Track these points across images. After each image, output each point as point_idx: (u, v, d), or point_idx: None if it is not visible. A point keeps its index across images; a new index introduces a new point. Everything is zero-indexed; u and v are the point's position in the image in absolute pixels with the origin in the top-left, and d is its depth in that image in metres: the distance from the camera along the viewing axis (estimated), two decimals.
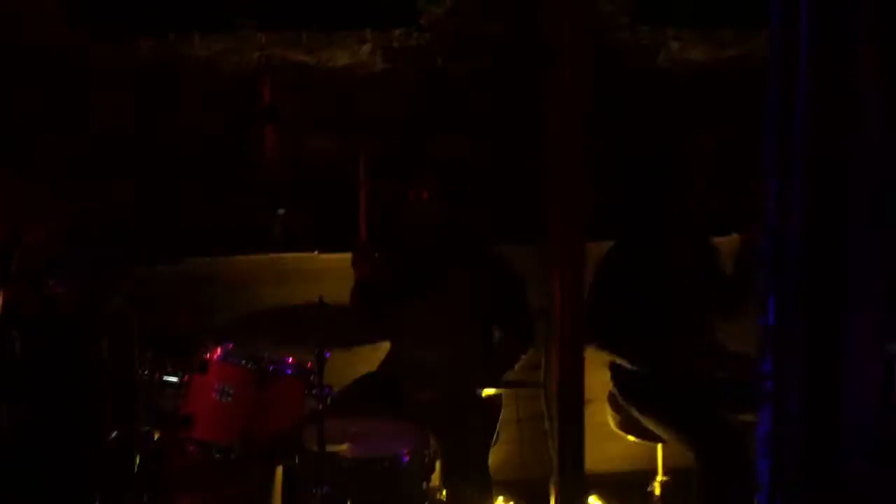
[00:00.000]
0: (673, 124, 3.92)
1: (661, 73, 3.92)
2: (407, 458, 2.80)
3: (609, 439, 3.90)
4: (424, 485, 2.91)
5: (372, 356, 3.63)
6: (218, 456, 2.71)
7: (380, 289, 3.33)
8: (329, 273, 3.81)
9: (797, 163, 1.70)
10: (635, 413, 3.49)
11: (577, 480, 3.54)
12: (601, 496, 3.83)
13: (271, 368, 2.75)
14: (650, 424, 3.43)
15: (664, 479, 3.67)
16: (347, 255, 3.82)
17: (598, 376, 3.79)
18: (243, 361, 2.75)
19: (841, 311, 1.76)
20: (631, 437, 3.60)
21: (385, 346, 3.57)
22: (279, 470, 2.93)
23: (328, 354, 2.59)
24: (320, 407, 2.56)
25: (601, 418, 3.79)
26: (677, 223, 3.42)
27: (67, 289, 2.55)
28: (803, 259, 1.75)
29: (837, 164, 1.69)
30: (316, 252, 3.83)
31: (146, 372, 2.70)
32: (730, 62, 3.97)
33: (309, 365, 2.74)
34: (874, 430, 1.76)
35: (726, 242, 3.92)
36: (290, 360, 2.83)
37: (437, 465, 3.03)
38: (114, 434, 2.64)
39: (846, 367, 1.76)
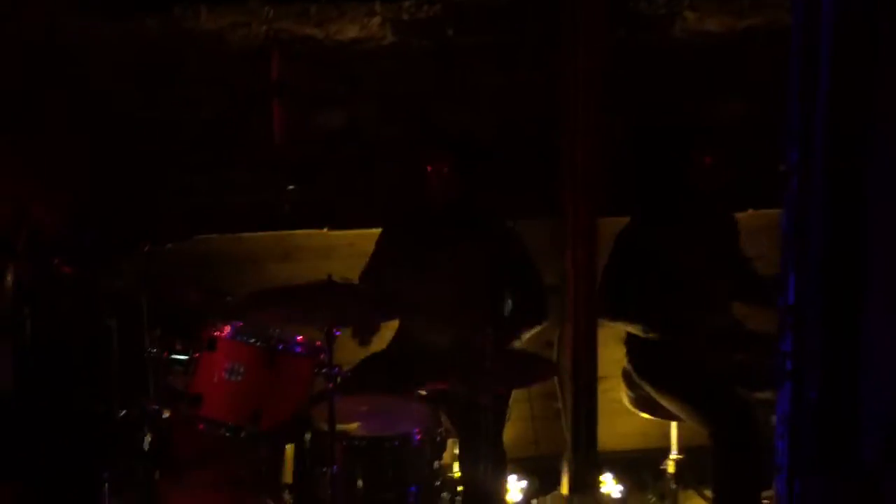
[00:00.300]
0: (689, 96, 3.84)
1: (678, 43, 3.83)
2: (418, 437, 2.78)
3: (622, 416, 3.87)
4: (436, 464, 2.88)
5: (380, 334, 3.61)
6: (227, 435, 2.68)
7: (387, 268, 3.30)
8: (338, 250, 3.78)
9: (820, 134, 1.64)
10: (650, 390, 3.45)
11: (590, 458, 3.52)
12: (614, 474, 3.81)
13: (280, 347, 2.72)
14: (665, 401, 3.40)
15: (678, 457, 3.63)
16: (356, 233, 3.80)
17: (611, 353, 3.76)
18: (252, 339, 2.71)
19: (862, 290, 1.70)
20: (645, 415, 3.57)
21: (393, 324, 3.55)
22: (289, 448, 2.90)
23: (337, 333, 2.56)
24: (330, 386, 2.53)
25: (615, 395, 3.76)
26: (695, 197, 3.36)
27: (74, 268, 2.52)
28: (825, 236, 1.69)
29: (861, 137, 1.63)
30: (325, 229, 3.80)
31: (155, 350, 2.67)
32: (747, 32, 3.88)
33: (318, 343, 2.71)
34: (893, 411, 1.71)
35: (746, 218, 3.88)
36: (300, 338, 2.79)
37: (449, 444, 3.01)
38: (123, 413, 2.61)
39: (866, 346, 1.71)
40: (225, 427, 2.69)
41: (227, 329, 2.72)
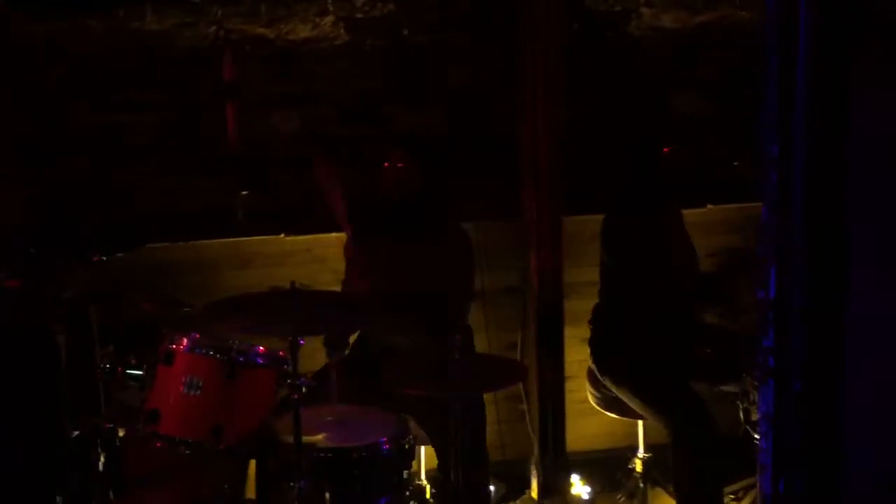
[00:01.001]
0: (645, 92, 3.82)
1: (634, 40, 3.81)
2: (387, 447, 2.69)
3: (588, 417, 3.84)
4: (405, 473, 2.80)
5: None
6: (187, 452, 2.57)
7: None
8: (295, 256, 3.68)
9: (800, 127, 1.60)
10: (612, 388, 3.42)
11: (559, 461, 3.47)
12: (582, 475, 3.77)
13: (241, 359, 2.61)
14: (626, 400, 3.37)
15: (646, 455, 3.61)
16: (313, 238, 3.70)
17: (575, 354, 3.72)
18: (211, 352, 2.60)
19: (845, 281, 1.67)
20: (612, 415, 3.53)
21: None
22: (252, 464, 2.80)
23: (301, 342, 2.46)
24: (295, 397, 2.43)
25: (580, 395, 3.72)
26: (652, 193, 3.33)
27: (19, 281, 2.38)
28: (806, 228, 1.66)
29: (842, 127, 1.60)
30: (282, 235, 3.70)
31: (108, 366, 2.54)
32: (701, 28, 3.88)
33: (281, 353, 2.61)
34: (882, 406, 1.69)
35: (704, 213, 3.88)
36: (261, 349, 2.69)
37: (417, 451, 2.93)
38: (76, 433, 2.48)
39: (851, 339, 1.68)
40: (184, 444, 2.58)
41: (185, 341, 2.60)
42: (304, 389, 2.44)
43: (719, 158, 3.89)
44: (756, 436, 3.12)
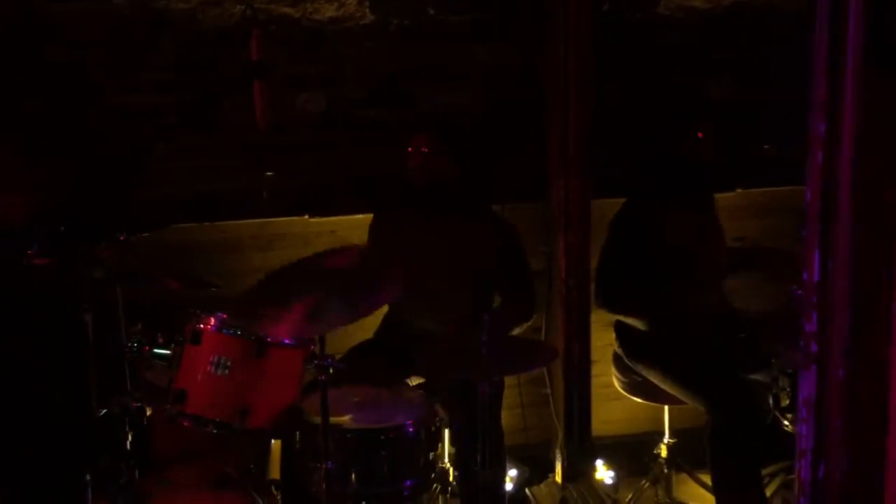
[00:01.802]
0: (675, 73, 3.77)
1: (663, 20, 3.75)
2: (412, 429, 2.68)
3: (612, 401, 3.81)
4: (431, 455, 2.79)
5: (367, 323, 3.50)
6: (214, 432, 2.56)
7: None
8: (320, 238, 3.66)
9: (850, 104, 1.56)
10: (643, 372, 3.38)
11: (584, 445, 3.44)
12: (606, 460, 3.74)
13: (269, 339, 2.60)
14: (660, 383, 3.33)
15: (671, 440, 3.58)
16: (337, 219, 3.68)
17: (599, 338, 3.69)
18: (239, 332, 2.59)
19: (892, 266, 1.63)
20: (638, 399, 3.50)
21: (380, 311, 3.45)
22: (276, 444, 2.79)
23: None
24: (322, 378, 2.42)
25: (604, 380, 3.69)
26: (686, 172, 3.28)
27: (48, 259, 2.36)
28: (852, 210, 1.62)
29: (892, 107, 1.56)
30: (306, 216, 3.68)
31: (135, 345, 2.53)
32: (732, 8, 3.81)
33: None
34: None
35: (733, 198, 3.83)
36: None
37: (445, 434, 2.92)
38: (103, 411, 2.47)
39: None
40: (211, 424, 2.56)
41: (213, 321, 2.59)
42: (331, 370, 2.42)
43: (749, 142, 3.84)
44: (786, 422, 3.09)
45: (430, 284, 3.18)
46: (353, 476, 2.61)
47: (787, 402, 3.05)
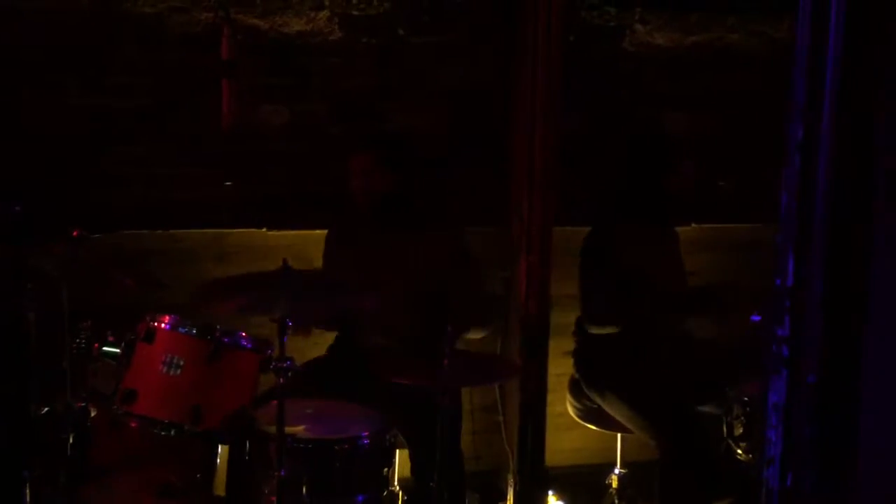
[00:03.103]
0: (637, 106, 3.83)
1: (627, 56, 3.83)
2: (367, 441, 2.61)
3: (564, 431, 3.79)
4: (386, 471, 2.71)
5: (319, 340, 3.44)
6: (163, 434, 2.46)
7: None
8: (276, 251, 3.58)
9: (827, 111, 1.58)
10: (598, 400, 3.37)
11: (537, 473, 3.39)
12: (556, 490, 3.70)
13: (226, 340, 2.52)
14: (613, 411, 3.32)
15: (622, 471, 3.56)
16: (296, 234, 3.63)
17: (554, 367, 3.66)
18: (195, 331, 2.50)
19: (866, 271, 1.64)
20: (591, 426, 3.48)
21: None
22: (224, 454, 2.69)
23: (290, 323, 2.38)
24: (281, 381, 2.34)
25: (557, 409, 3.66)
26: (661, 207, 3.32)
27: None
28: (828, 214, 1.63)
29: (871, 112, 1.58)
30: (264, 229, 3.62)
31: (83, 342, 2.43)
32: (694, 48, 3.91)
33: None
34: None
35: (687, 232, 3.87)
36: (244, 334, 2.59)
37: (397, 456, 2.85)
38: (45, 409, 2.35)
39: (871, 332, 1.65)
40: (160, 426, 2.46)
41: (167, 319, 2.50)
42: (290, 374, 2.35)
43: (705, 178, 3.90)
44: (739, 451, 3.09)
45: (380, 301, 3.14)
46: (305, 488, 2.53)
47: (741, 430, 3.07)
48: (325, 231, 3.47)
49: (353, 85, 3.65)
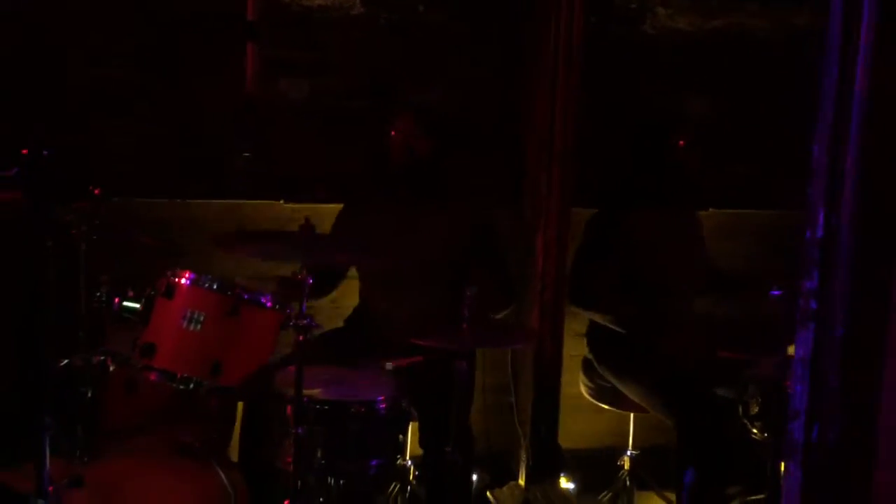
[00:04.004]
0: (656, 90, 3.83)
1: (648, 39, 3.82)
2: (383, 406, 2.60)
3: (577, 413, 3.77)
4: (400, 437, 2.71)
5: (334, 314, 3.44)
6: (181, 388, 2.45)
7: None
8: (291, 224, 3.59)
9: (862, 56, 1.58)
10: (612, 379, 3.36)
11: (550, 447, 3.38)
12: (567, 472, 3.69)
13: (246, 297, 2.52)
14: (628, 391, 3.31)
15: (634, 452, 3.55)
16: (311, 207, 3.62)
17: (568, 348, 3.66)
18: (216, 286, 2.50)
19: (894, 222, 1.64)
20: (604, 405, 3.47)
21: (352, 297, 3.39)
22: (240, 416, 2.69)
23: (310, 281, 2.38)
24: (301, 339, 2.34)
25: (570, 391, 3.65)
26: (670, 181, 3.31)
27: (16, 192, 2.24)
28: (859, 165, 1.63)
29: None
30: (280, 201, 3.62)
31: (103, 297, 2.42)
32: (714, 33, 3.90)
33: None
34: None
35: (705, 217, 3.87)
36: (264, 292, 2.60)
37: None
38: (64, 362, 2.35)
39: None
40: (180, 379, 2.46)
41: (187, 275, 2.50)
42: (311, 331, 2.35)
43: (723, 162, 3.90)
44: (754, 431, 3.07)
45: (396, 273, 3.15)
46: (320, 449, 2.52)
47: (757, 409, 3.05)
48: (338, 205, 3.47)
49: (373, 61, 3.65)
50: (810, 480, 1.73)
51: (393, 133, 3.16)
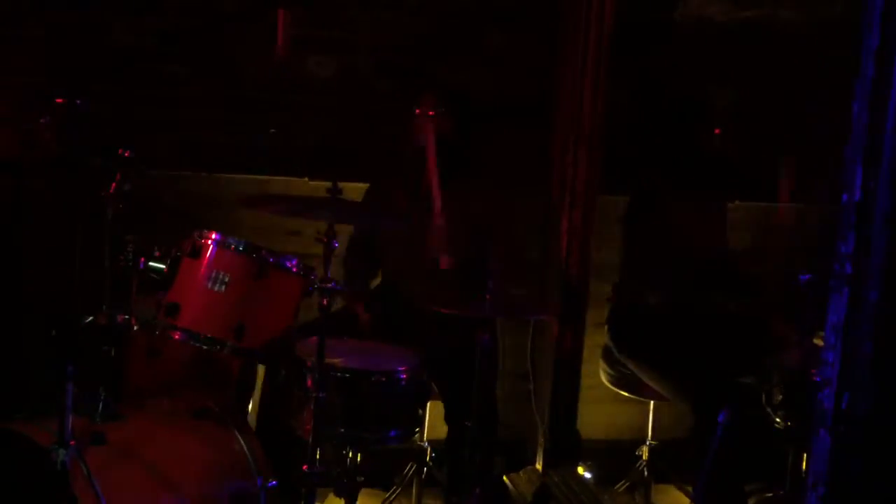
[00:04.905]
0: (685, 78, 3.80)
1: (678, 26, 3.80)
2: (404, 376, 2.59)
3: (596, 404, 3.75)
4: (420, 410, 2.70)
5: None
6: (204, 348, 2.45)
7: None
8: None
9: None
10: (632, 366, 3.33)
11: (569, 433, 3.36)
12: (585, 462, 3.66)
13: (271, 259, 2.51)
14: (648, 378, 3.27)
15: (653, 442, 3.52)
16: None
17: (588, 338, 3.63)
18: (241, 248, 2.50)
19: None
20: (624, 393, 3.44)
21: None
22: (260, 382, 2.69)
23: (336, 245, 2.37)
24: (324, 303, 2.34)
25: (589, 381, 3.63)
26: (702, 173, 3.29)
27: (57, 134, 2.24)
28: None
29: None
30: (305, 178, 3.62)
31: (129, 255, 2.42)
32: (746, 22, 3.88)
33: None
34: None
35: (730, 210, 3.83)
36: (290, 256, 2.59)
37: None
38: (88, 319, 2.35)
39: None
40: (203, 339, 2.46)
41: (214, 236, 2.50)
42: (333, 295, 2.34)
43: (750, 155, 3.86)
44: (777, 419, 3.04)
45: (420, 251, 3.14)
46: (340, 417, 2.51)
47: (780, 398, 3.02)
48: (366, 184, 3.47)
49: (402, 41, 3.65)
50: (839, 448, 1.70)
51: (417, 111, 3.16)
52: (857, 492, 1.70)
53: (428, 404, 2.98)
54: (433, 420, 3.17)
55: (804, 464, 2.98)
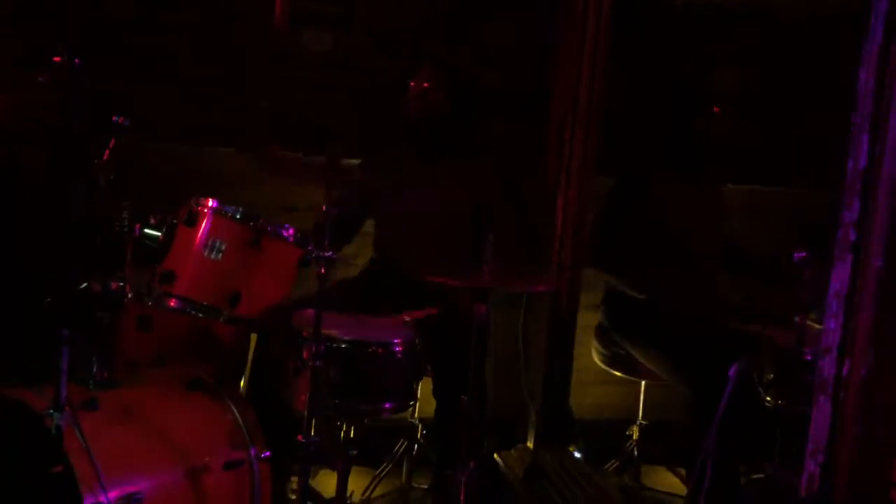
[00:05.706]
0: (685, 60, 3.81)
1: (677, 8, 3.80)
2: (400, 348, 2.58)
3: (586, 385, 3.75)
4: (414, 383, 2.69)
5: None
6: (200, 316, 2.43)
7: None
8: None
9: None
10: (628, 346, 3.33)
11: (561, 410, 3.36)
12: (575, 442, 3.66)
13: (269, 228, 2.50)
14: (644, 359, 3.28)
15: (643, 422, 3.53)
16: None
17: (581, 319, 3.63)
18: (238, 216, 2.48)
19: None
20: (616, 373, 3.45)
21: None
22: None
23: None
24: (322, 271, 2.32)
25: (579, 363, 3.63)
26: (699, 149, 3.30)
27: (58, 98, 2.21)
28: None
29: None
30: (300, 154, 3.59)
31: (124, 221, 2.40)
32: (743, 4, 3.88)
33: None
34: None
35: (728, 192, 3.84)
36: (287, 225, 2.58)
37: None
38: (82, 286, 2.32)
39: None
40: (199, 307, 2.44)
41: (210, 203, 2.48)
42: (331, 266, 2.33)
43: (748, 138, 3.87)
44: (767, 398, 3.04)
45: (413, 220, 3.14)
46: (335, 388, 2.50)
47: (771, 376, 3.02)
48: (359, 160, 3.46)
49: (400, 21, 3.63)
50: (839, 415, 1.71)
51: (413, 86, 3.15)
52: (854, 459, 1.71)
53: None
54: (424, 397, 3.17)
55: (794, 444, 3.00)
